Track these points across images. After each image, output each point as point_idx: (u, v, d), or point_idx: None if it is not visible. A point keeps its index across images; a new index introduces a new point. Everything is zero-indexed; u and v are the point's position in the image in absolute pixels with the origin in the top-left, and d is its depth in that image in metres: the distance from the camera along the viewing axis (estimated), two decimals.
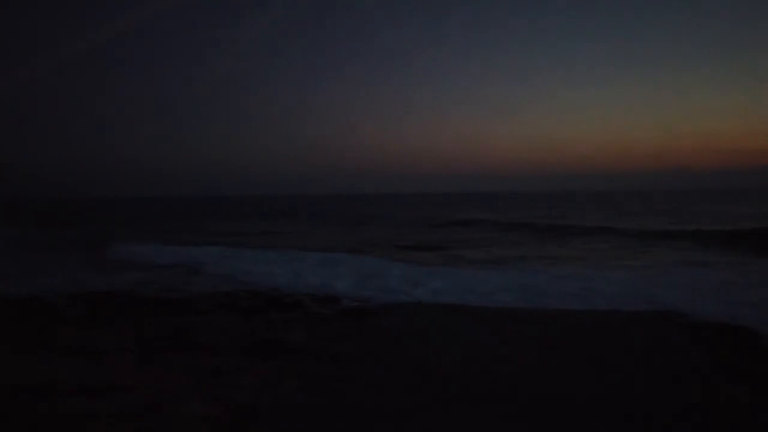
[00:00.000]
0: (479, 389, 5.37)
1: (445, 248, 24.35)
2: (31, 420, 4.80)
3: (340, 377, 6.01)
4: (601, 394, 5.19)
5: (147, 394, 5.48)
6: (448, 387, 5.45)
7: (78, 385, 5.75)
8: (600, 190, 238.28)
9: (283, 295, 11.93)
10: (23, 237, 31.15)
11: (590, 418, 4.64)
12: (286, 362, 6.70)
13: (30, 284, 13.02)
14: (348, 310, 10.27)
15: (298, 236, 33.04)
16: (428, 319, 9.19)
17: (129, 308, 10.28)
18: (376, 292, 12.61)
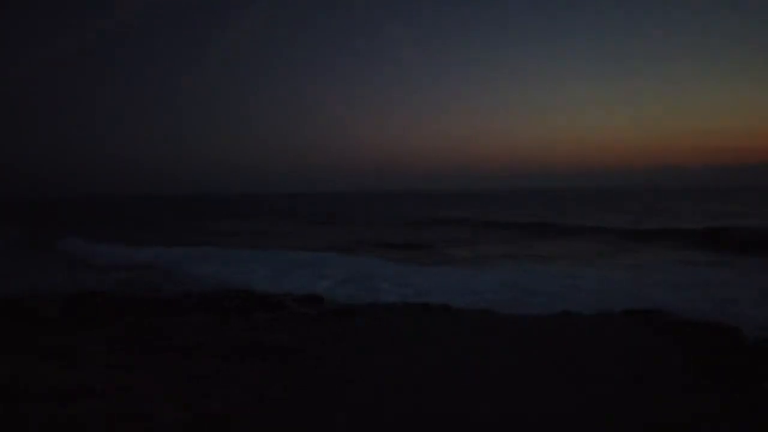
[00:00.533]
0: (436, 408, 5.11)
1: (436, 246, 24.30)
2: None
3: (317, 384, 5.91)
4: (568, 412, 5.00)
5: (120, 399, 5.36)
6: (402, 407, 5.14)
7: (49, 389, 5.61)
8: (592, 187, 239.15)
9: (267, 296, 11.81)
10: (23, 237, 30.86)
11: None
12: (265, 365, 6.60)
13: (6, 285, 12.84)
14: (331, 311, 10.16)
15: (290, 236, 32.92)
16: (408, 321, 9.05)
17: (108, 309, 10.13)
18: (361, 292, 12.51)
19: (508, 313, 9.80)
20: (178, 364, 6.72)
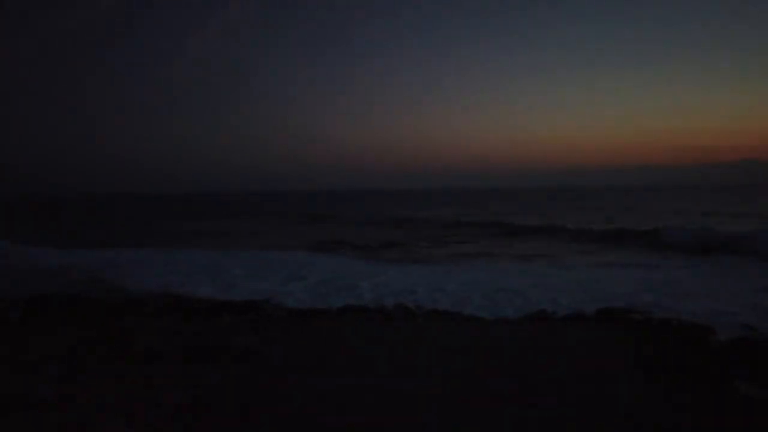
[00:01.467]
0: None
1: (414, 245, 24.18)
2: None
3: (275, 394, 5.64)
4: None
5: (61, 411, 5.02)
6: None
7: None
8: (575, 186, 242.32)
9: (235, 298, 11.48)
10: None
11: None
12: (227, 370, 6.31)
13: None
14: (297, 313, 9.90)
15: (268, 235, 32.60)
16: (371, 327, 8.56)
17: (66, 312, 9.71)
18: (335, 292, 12.27)
19: (480, 316, 9.63)
20: (135, 370, 6.40)
